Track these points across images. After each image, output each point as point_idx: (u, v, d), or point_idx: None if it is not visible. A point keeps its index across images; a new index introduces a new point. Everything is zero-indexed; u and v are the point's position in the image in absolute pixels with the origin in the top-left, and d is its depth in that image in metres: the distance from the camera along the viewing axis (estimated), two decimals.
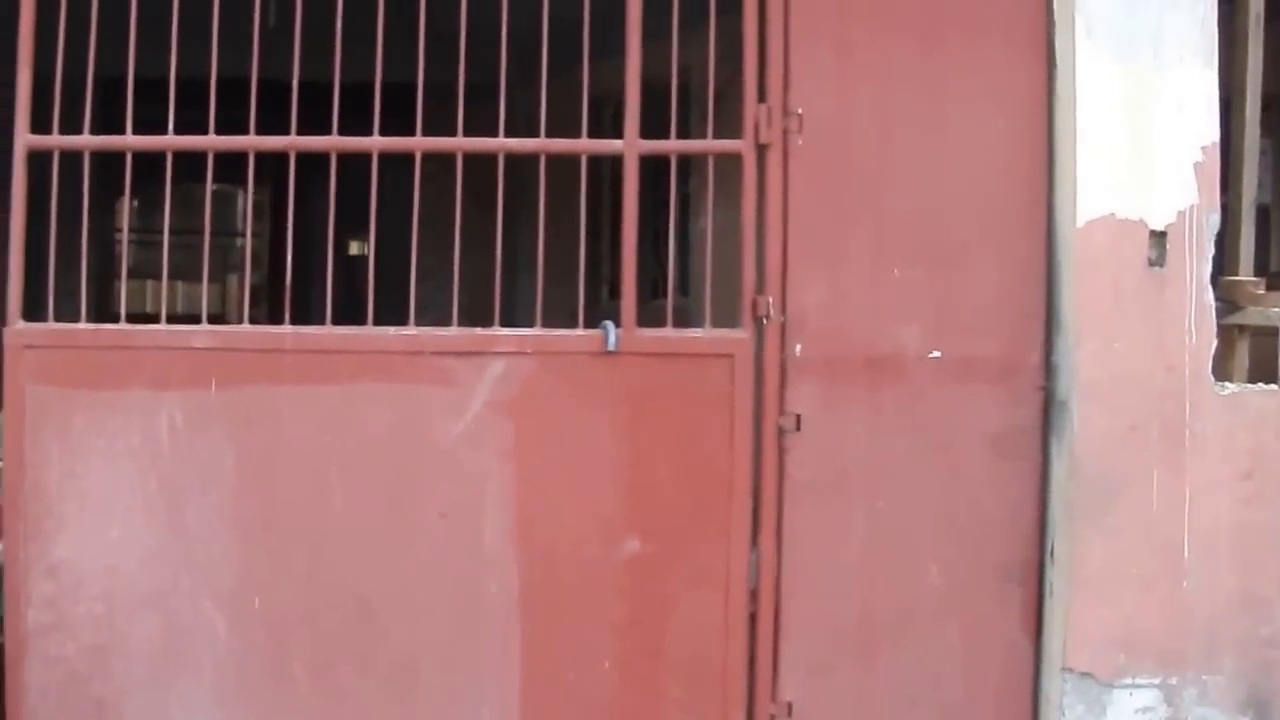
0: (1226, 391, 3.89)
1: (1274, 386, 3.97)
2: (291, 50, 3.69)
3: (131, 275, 10.63)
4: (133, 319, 3.88)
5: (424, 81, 3.70)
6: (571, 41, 3.78)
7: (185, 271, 10.87)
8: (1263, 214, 5.84)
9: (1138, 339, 3.82)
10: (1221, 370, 4.15)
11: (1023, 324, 3.87)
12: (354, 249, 11.07)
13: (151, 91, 3.78)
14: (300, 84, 3.71)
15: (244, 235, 12.07)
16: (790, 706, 3.83)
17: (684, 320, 3.90)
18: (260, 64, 3.71)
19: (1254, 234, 4.19)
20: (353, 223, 4.42)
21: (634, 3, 3.75)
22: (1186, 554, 3.86)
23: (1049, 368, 3.87)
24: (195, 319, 3.88)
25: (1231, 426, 3.88)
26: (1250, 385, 4.00)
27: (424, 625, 3.76)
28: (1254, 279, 4.15)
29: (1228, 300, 4.15)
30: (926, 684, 3.88)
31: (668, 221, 4.32)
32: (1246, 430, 3.89)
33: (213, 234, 4.19)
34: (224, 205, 12.11)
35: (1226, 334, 4.19)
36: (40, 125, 3.70)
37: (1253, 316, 4.14)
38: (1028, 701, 3.92)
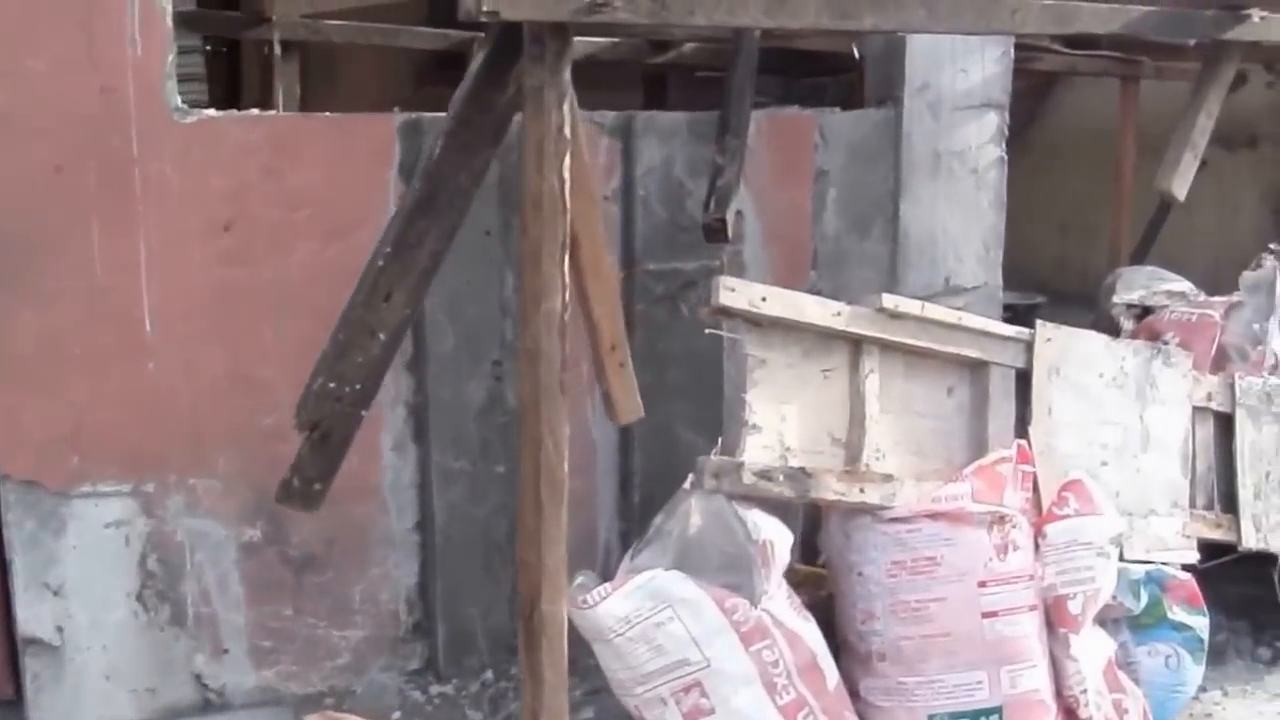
0: (191, 120, 3.06)
1: (255, 112, 3.16)
2: None
3: None
4: None
5: None
6: None
7: None
8: None
9: (60, 53, 2.96)
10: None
11: None
12: None
13: None
14: None
15: None
16: None
17: None
18: None
19: None
20: None
21: None
22: (149, 327, 3.07)
23: None
24: None
25: (202, 164, 3.06)
26: (225, 113, 3.18)
27: None
28: None
29: None
30: None
31: None
32: (223, 169, 3.08)
33: None
34: None
35: None
36: None
37: None
38: None
